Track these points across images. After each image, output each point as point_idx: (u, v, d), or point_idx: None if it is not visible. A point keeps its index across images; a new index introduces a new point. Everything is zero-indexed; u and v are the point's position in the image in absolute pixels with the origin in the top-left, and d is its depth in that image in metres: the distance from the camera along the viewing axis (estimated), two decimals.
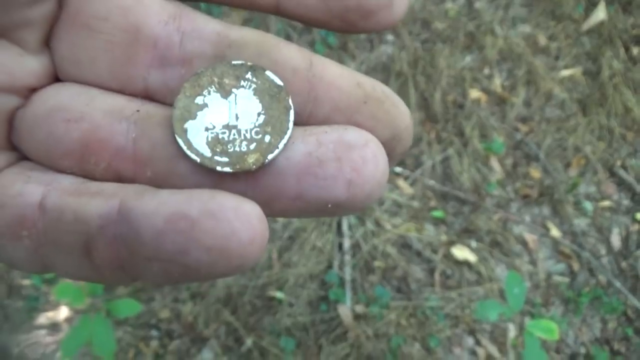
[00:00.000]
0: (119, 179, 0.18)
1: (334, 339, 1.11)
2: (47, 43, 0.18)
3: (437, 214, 1.26)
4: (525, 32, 1.52)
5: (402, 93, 1.39)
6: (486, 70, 1.46)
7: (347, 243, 1.20)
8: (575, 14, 1.55)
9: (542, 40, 1.52)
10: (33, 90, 0.18)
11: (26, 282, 1.10)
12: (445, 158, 1.34)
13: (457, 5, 1.53)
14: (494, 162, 1.35)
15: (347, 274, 1.16)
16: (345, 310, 1.12)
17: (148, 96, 0.19)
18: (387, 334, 1.11)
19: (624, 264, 1.28)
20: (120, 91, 0.18)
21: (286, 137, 0.17)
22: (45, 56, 0.18)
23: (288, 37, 1.44)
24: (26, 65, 0.18)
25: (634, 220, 1.33)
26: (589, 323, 1.21)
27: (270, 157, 0.17)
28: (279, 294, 1.13)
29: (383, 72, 1.42)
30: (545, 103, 1.44)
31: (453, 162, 1.33)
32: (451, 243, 1.23)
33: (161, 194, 0.16)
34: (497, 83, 1.45)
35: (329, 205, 0.17)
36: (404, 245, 1.23)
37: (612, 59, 1.49)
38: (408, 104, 1.37)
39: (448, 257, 1.22)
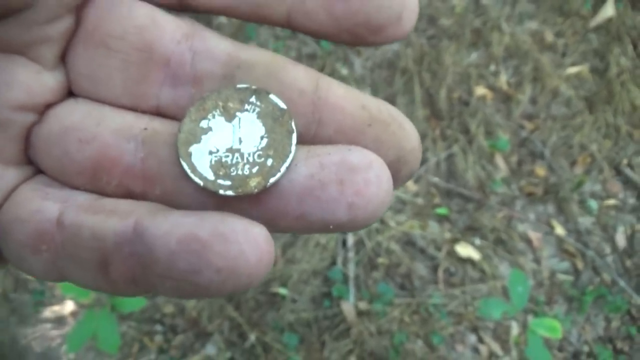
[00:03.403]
0: (130, 195, 0.18)
1: (337, 335, 1.11)
2: (62, 59, 0.19)
3: (441, 211, 1.26)
4: (532, 29, 1.51)
5: (408, 90, 1.39)
6: (492, 67, 1.46)
7: (350, 240, 1.20)
8: (583, 10, 1.54)
9: (549, 36, 1.51)
10: (48, 106, 0.19)
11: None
12: (450, 155, 1.34)
13: (464, 2, 1.52)
14: (499, 160, 1.35)
15: (351, 270, 1.17)
16: (348, 307, 1.12)
17: (159, 113, 0.19)
18: (390, 331, 1.11)
19: (628, 263, 1.27)
20: (133, 108, 0.19)
21: (288, 160, 0.17)
22: (61, 72, 0.19)
23: (294, 33, 1.44)
24: (43, 82, 0.18)
25: (639, 219, 1.33)
26: (592, 322, 1.21)
27: (272, 180, 0.17)
28: (282, 290, 1.13)
29: (389, 68, 1.42)
30: (551, 100, 1.43)
31: (458, 160, 1.33)
32: (455, 240, 1.23)
33: (173, 214, 0.16)
34: (503, 80, 1.44)
35: (331, 226, 0.17)
36: (408, 242, 1.23)
37: (619, 56, 1.48)
38: (413, 101, 1.37)
39: (452, 254, 1.22)
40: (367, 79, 1.38)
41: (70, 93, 0.19)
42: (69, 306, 1.09)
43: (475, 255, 1.21)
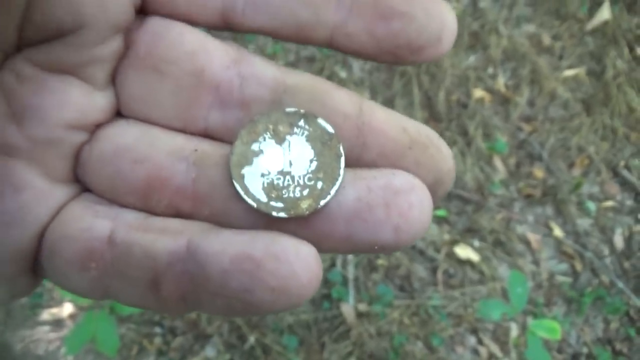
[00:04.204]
0: (179, 215, 0.19)
1: (337, 337, 1.11)
2: (112, 80, 0.19)
3: (440, 213, 1.27)
4: (529, 32, 1.52)
5: (406, 92, 1.39)
6: (490, 70, 1.46)
7: None
8: (579, 13, 1.55)
9: (546, 39, 1.52)
10: (98, 125, 0.19)
11: None
12: None
13: (462, 5, 1.53)
14: (497, 162, 1.35)
15: (350, 272, 1.17)
16: (348, 309, 1.12)
17: (207, 135, 0.19)
18: (390, 333, 1.11)
19: (626, 264, 1.28)
20: (182, 130, 0.19)
21: (337, 183, 0.18)
22: (110, 92, 0.19)
23: None
24: (94, 102, 0.19)
25: (637, 221, 1.33)
26: (591, 323, 1.21)
27: (322, 203, 0.17)
28: None
29: (387, 71, 1.42)
30: (549, 103, 1.44)
31: (456, 162, 1.33)
32: (454, 242, 1.23)
33: (225, 233, 0.17)
34: (501, 82, 1.45)
35: (376, 247, 0.17)
36: None
37: (616, 58, 1.49)
38: (412, 103, 1.37)
39: (451, 256, 1.22)
40: (366, 82, 1.38)
41: (117, 114, 0.20)
42: (67, 308, 1.09)
43: (474, 256, 1.22)
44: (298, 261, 0.16)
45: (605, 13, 1.53)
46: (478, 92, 1.42)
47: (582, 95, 1.46)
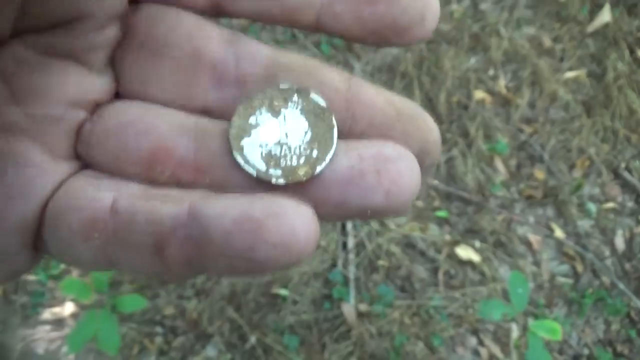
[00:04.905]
0: (180, 185, 0.19)
1: (338, 337, 1.11)
2: (110, 63, 0.20)
3: (441, 214, 1.27)
4: (530, 34, 1.53)
5: (407, 94, 1.40)
6: (491, 72, 1.47)
7: (351, 242, 1.20)
8: (580, 16, 1.55)
9: (547, 41, 1.52)
10: (98, 104, 0.20)
11: (32, 277, 1.11)
12: (449, 158, 1.34)
13: (463, 7, 1.54)
14: (498, 163, 1.35)
15: (351, 272, 1.17)
16: (349, 309, 1.12)
17: (205, 112, 0.20)
18: (391, 333, 1.11)
19: (627, 266, 1.28)
20: (182, 108, 0.20)
21: (332, 151, 0.19)
22: (109, 75, 0.20)
23: (294, 37, 1.45)
24: (93, 82, 0.19)
25: (638, 222, 1.33)
26: (592, 324, 1.21)
27: (318, 169, 0.19)
28: (283, 292, 1.13)
29: (388, 72, 1.43)
30: (549, 104, 1.44)
31: (457, 163, 1.33)
32: (455, 243, 1.24)
33: (226, 197, 0.18)
34: (502, 84, 1.45)
35: (369, 212, 0.18)
36: (408, 244, 1.23)
37: (616, 61, 1.49)
38: None
39: (452, 256, 1.22)
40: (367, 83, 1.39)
41: (116, 95, 0.21)
42: (68, 307, 1.09)
43: (475, 257, 1.22)
44: (297, 219, 0.17)
45: (605, 15, 1.53)
46: (479, 94, 1.42)
47: (582, 97, 1.46)
